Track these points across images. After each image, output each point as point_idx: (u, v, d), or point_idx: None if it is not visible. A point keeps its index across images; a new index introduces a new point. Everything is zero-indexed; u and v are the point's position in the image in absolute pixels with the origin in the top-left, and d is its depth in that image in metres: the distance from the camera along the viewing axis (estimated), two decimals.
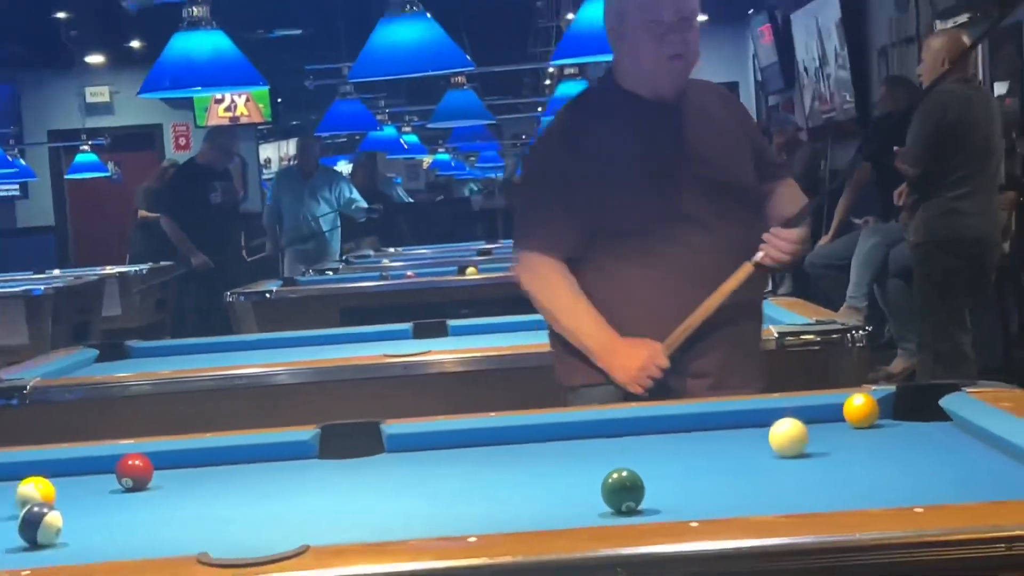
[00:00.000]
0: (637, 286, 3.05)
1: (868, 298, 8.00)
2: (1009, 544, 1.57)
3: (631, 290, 3.05)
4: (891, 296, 7.95)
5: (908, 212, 6.98)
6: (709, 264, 3.01)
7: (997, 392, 2.52)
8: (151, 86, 5.41)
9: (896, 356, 7.97)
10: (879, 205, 8.18)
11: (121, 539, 2.03)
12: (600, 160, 3.09)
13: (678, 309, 2.99)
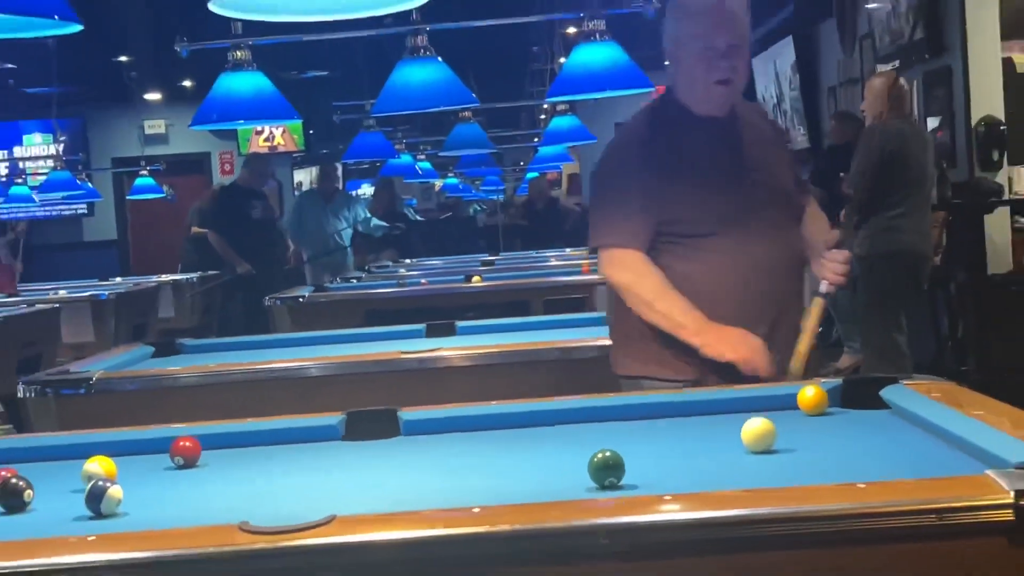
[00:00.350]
0: (698, 279, 2.98)
1: None
2: (940, 515, 1.56)
3: (693, 282, 2.98)
4: (839, 302, 7.94)
5: (846, 230, 6.99)
6: (760, 258, 2.99)
7: (929, 384, 2.53)
8: (200, 119, 5.41)
9: (843, 353, 7.99)
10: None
11: (173, 510, 2.03)
12: (664, 167, 3.03)
13: (733, 298, 2.97)
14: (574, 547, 1.59)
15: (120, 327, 8.34)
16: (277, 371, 3.58)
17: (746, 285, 2.98)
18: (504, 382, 3.30)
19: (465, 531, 1.61)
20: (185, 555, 1.59)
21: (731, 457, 2.15)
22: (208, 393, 3.43)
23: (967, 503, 1.58)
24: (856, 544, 1.58)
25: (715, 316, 2.92)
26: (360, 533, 1.60)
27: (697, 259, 2.99)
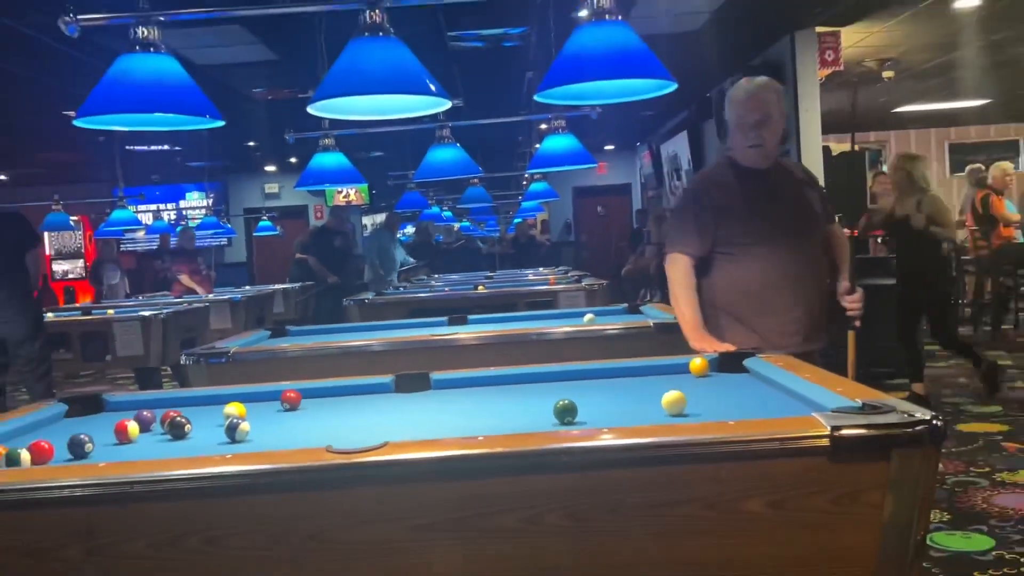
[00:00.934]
0: (743, 276, 2.97)
1: None
2: (782, 442, 1.56)
3: (738, 278, 2.98)
4: None
5: None
6: (787, 262, 2.93)
7: (776, 357, 2.51)
8: (302, 183, 5.41)
9: None
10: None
11: (284, 438, 2.02)
12: (717, 200, 3.01)
13: (766, 288, 2.93)
14: (545, 463, 1.58)
15: (248, 318, 8.35)
16: (351, 347, 3.58)
17: (775, 280, 2.93)
18: (500, 355, 3.29)
19: (473, 452, 1.60)
20: (290, 467, 1.59)
21: (649, 405, 2.14)
22: (306, 362, 3.42)
23: (800, 434, 1.57)
24: (728, 460, 1.56)
25: (753, 301, 2.95)
26: (404, 453, 1.60)
27: (741, 262, 2.96)
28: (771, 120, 2.95)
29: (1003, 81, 10.09)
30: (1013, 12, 7.21)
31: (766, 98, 2.95)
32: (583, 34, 2.70)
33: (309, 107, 2.80)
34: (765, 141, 2.95)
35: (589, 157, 5.48)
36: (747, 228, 2.94)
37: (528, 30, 6.99)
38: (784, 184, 3.05)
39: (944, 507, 3.65)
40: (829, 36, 7.55)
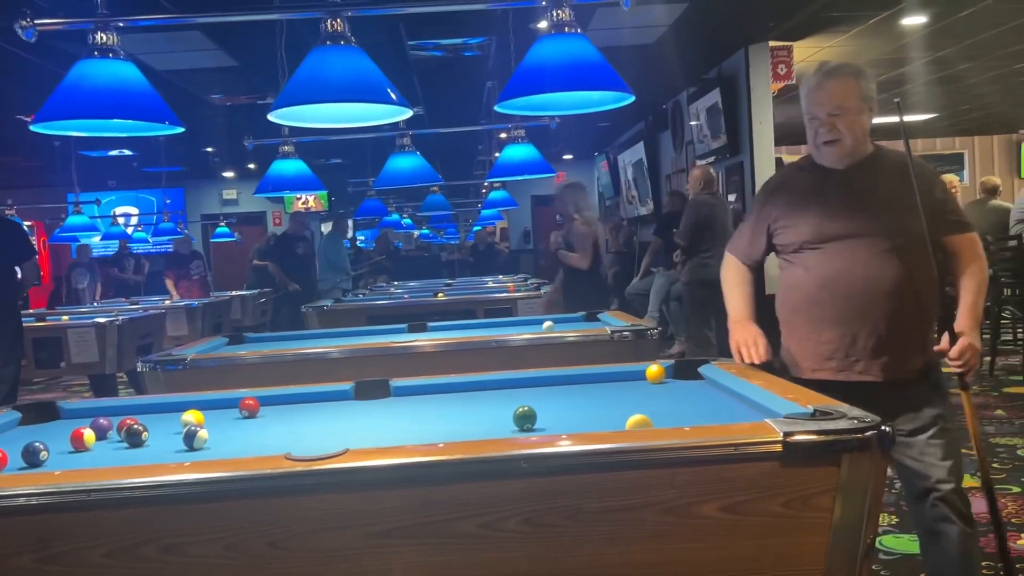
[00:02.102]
0: (787, 287, 2.65)
1: (659, 312, 8.06)
2: (736, 447, 1.58)
3: (785, 288, 2.66)
4: (671, 311, 8.02)
5: (680, 265, 7.06)
6: (838, 276, 2.45)
7: (729, 364, 2.54)
8: (261, 190, 5.36)
9: (674, 344, 8.05)
10: (666, 261, 8.25)
11: (242, 446, 2.00)
12: (780, 202, 2.61)
13: (811, 300, 2.51)
14: (504, 469, 1.58)
15: (205, 325, 8.25)
16: (310, 355, 3.54)
17: (816, 294, 2.50)
18: (459, 362, 3.29)
19: (433, 458, 1.60)
20: (248, 475, 1.57)
21: (608, 411, 2.15)
22: (265, 369, 3.38)
23: (753, 440, 1.59)
24: (684, 466, 1.58)
25: (794, 315, 2.59)
26: (364, 460, 1.59)
27: (789, 271, 2.62)
28: (847, 111, 2.43)
29: (948, 96, 10.33)
30: (957, 30, 7.39)
31: (837, 87, 2.45)
32: (542, 46, 2.72)
33: (270, 114, 2.78)
34: (842, 136, 2.45)
35: (548, 166, 5.51)
36: (798, 233, 2.55)
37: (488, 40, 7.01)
38: (868, 185, 2.48)
39: (892, 511, 3.71)
40: (781, 50, 7.68)
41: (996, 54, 8.53)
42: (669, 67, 8.27)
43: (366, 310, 6.20)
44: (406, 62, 7.42)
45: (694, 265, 6.80)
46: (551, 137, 8.73)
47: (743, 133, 7.84)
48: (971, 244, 2.53)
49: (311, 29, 2.76)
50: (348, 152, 11.33)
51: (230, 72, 7.59)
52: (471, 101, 9.24)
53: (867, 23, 7.11)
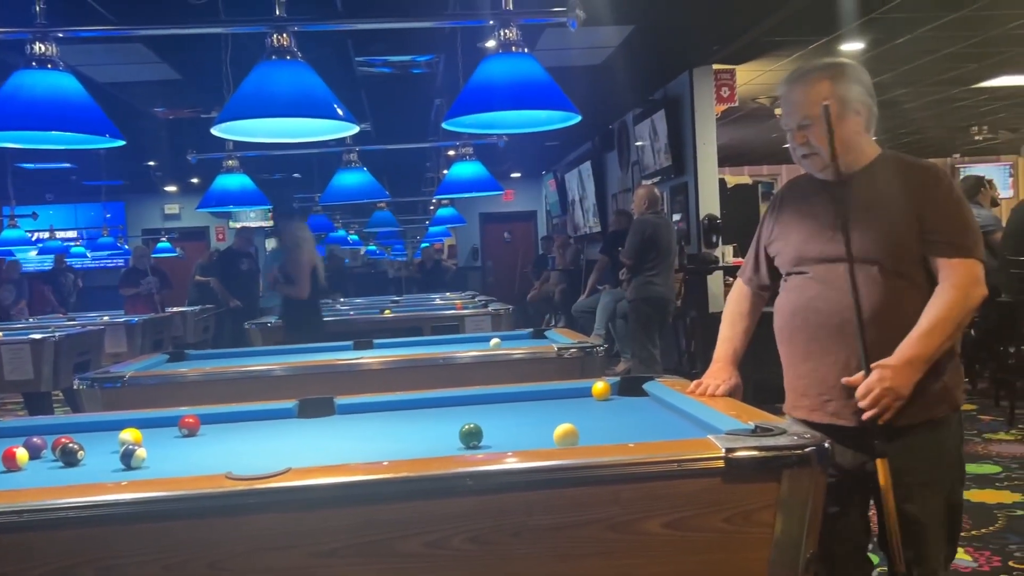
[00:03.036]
0: (777, 314, 2.26)
1: (605, 329, 8.12)
2: (679, 463, 1.60)
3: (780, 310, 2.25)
4: (617, 328, 8.08)
5: (625, 283, 7.13)
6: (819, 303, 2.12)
7: (673, 381, 2.56)
8: (204, 204, 5.29)
9: (620, 361, 8.11)
10: (612, 279, 8.32)
11: (182, 465, 1.97)
12: (774, 221, 2.32)
13: (793, 327, 2.19)
14: (449, 487, 1.58)
15: (145, 342, 8.09)
16: (253, 372, 3.50)
17: (799, 320, 2.17)
18: (405, 379, 3.27)
19: (378, 477, 1.59)
20: (188, 494, 1.55)
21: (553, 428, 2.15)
22: (206, 386, 3.33)
23: (696, 456, 1.61)
24: (628, 482, 1.59)
25: (782, 346, 2.25)
26: (307, 479, 1.57)
27: (781, 296, 2.29)
28: (815, 120, 2.10)
29: (885, 120, 10.62)
30: (893, 56, 7.62)
31: (804, 94, 2.11)
32: (491, 65, 2.73)
33: (213, 128, 2.75)
34: (816, 149, 2.12)
35: (496, 184, 5.52)
36: (784, 256, 2.28)
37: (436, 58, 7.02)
38: (859, 200, 2.12)
39: None
40: (725, 74, 7.84)
41: (931, 81, 8.82)
42: (616, 88, 8.37)
43: None
44: (353, 78, 7.40)
45: (639, 283, 6.87)
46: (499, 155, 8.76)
47: (687, 154, 7.97)
48: (955, 270, 2.04)
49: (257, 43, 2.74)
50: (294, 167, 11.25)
51: (173, 85, 7.48)
52: (419, 118, 9.24)
53: (807, 48, 7.29)
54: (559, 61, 6.86)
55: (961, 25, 6.70)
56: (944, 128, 12.01)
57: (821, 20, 6.36)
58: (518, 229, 16.63)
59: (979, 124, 11.80)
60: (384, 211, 9.59)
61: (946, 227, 2.06)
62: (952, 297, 2.03)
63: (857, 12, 6.12)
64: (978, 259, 2.07)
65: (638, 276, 6.87)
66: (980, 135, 12.24)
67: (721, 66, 7.77)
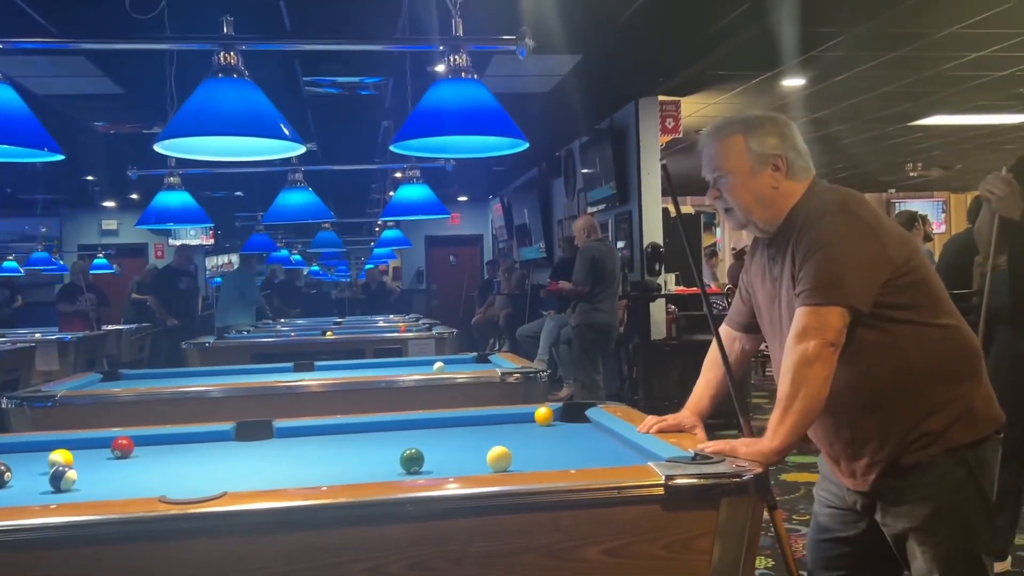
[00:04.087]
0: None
1: (548, 354, 8.14)
2: (619, 490, 1.61)
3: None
4: (561, 354, 8.10)
5: (570, 309, 7.17)
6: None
7: (615, 407, 2.58)
8: (144, 221, 5.20)
9: (563, 386, 8.13)
10: (557, 304, 8.36)
11: (112, 487, 1.92)
12: (748, 274, 2.16)
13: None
14: (389, 513, 1.57)
15: (78, 360, 7.88)
16: (189, 393, 3.43)
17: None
18: (347, 402, 3.24)
19: (316, 503, 1.58)
20: (120, 518, 1.51)
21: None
22: (140, 407, 3.26)
23: (636, 483, 1.62)
24: (568, 509, 1.59)
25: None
26: (243, 504, 1.55)
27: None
28: (730, 174, 2.00)
29: (824, 154, 10.90)
30: (832, 93, 7.84)
31: (715, 149, 2.04)
32: (440, 90, 2.75)
33: (156, 145, 2.71)
34: (730, 205, 2.02)
35: (442, 207, 5.53)
36: (750, 310, 2.18)
37: (384, 80, 7.02)
38: (774, 256, 2.02)
39: (768, 553, 3.82)
40: (670, 105, 7.98)
41: (868, 117, 9.08)
42: (564, 116, 8.46)
43: (250, 348, 6.04)
44: (300, 98, 7.36)
45: (584, 309, 6.91)
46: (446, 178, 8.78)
47: (632, 183, 8.07)
48: (797, 320, 1.84)
49: (203, 60, 2.72)
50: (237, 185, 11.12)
51: (115, 100, 7.36)
52: (366, 139, 9.22)
53: (750, 83, 7.46)
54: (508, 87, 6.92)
55: (897, 65, 6.92)
56: (880, 164, 12.36)
57: (763, 56, 6.52)
58: (464, 253, 16.64)
59: (914, 161, 12.17)
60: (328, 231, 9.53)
61: (811, 273, 1.86)
62: (795, 354, 1.81)
63: (798, 50, 6.29)
64: (824, 304, 1.81)
65: (583, 303, 6.91)
66: (915, 171, 12.62)
67: (667, 97, 7.91)
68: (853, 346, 1.85)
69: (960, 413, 1.89)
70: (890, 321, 1.87)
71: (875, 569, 2.07)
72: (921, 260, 1.93)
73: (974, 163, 12.02)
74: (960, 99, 8.21)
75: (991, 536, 1.92)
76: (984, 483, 1.91)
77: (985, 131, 9.95)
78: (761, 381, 9.18)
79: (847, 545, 2.07)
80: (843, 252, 1.85)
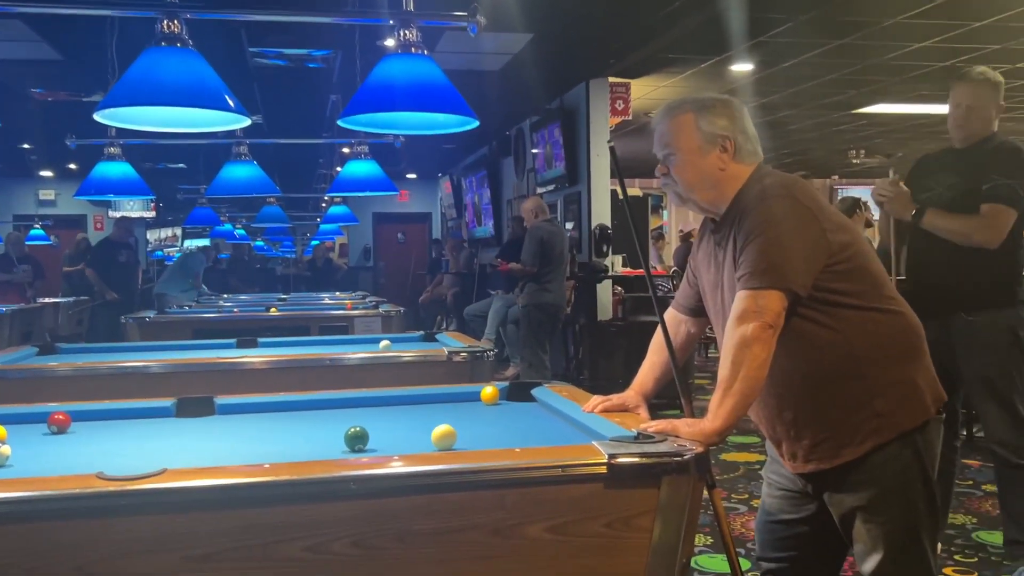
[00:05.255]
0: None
1: (496, 334, 8.16)
2: (563, 468, 1.62)
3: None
4: (508, 333, 8.13)
5: (518, 289, 7.18)
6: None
7: (561, 387, 2.59)
8: (82, 192, 5.08)
9: (510, 366, 8.16)
10: (504, 284, 8.37)
11: (48, 464, 1.88)
12: (695, 259, 2.17)
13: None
14: (332, 491, 1.56)
15: (13, 334, 7.68)
16: (129, 368, 3.37)
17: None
18: (290, 380, 3.22)
19: (258, 480, 1.56)
20: (55, 495, 1.48)
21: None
22: (77, 382, 3.20)
23: (579, 461, 1.64)
24: (512, 487, 1.61)
25: None
26: (184, 481, 1.53)
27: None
28: (678, 152, 2.02)
29: (773, 139, 11.05)
30: (780, 78, 7.94)
31: (667, 127, 2.05)
32: (389, 64, 2.72)
33: (96, 114, 2.65)
34: (673, 183, 2.05)
35: (390, 184, 5.49)
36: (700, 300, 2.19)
37: (333, 53, 6.93)
38: (724, 243, 2.01)
39: (707, 531, 3.89)
40: (620, 87, 8.00)
41: (814, 104, 9.22)
42: (514, 95, 8.44)
43: (192, 323, 5.96)
44: (246, 69, 7.22)
45: (532, 289, 6.93)
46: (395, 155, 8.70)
47: (582, 164, 8.09)
48: (737, 304, 1.87)
49: (145, 28, 2.65)
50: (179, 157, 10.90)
51: (53, 66, 7.15)
52: (313, 113, 9.09)
53: (699, 66, 7.52)
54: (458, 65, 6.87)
55: (843, 53, 7.03)
56: (825, 150, 12.57)
57: (713, 41, 6.57)
58: (412, 230, 16.55)
59: (857, 148, 12.41)
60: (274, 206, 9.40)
61: (743, 261, 1.89)
62: (734, 336, 1.83)
63: (746, 35, 6.36)
64: (762, 288, 1.83)
65: (531, 283, 6.93)
66: (858, 159, 12.86)
67: (617, 79, 7.93)
68: (796, 330, 1.88)
69: (905, 394, 1.93)
70: (832, 305, 1.90)
71: (822, 549, 2.12)
72: (862, 246, 1.98)
73: (915, 151, 12.26)
74: (903, 88, 8.38)
75: (934, 515, 1.98)
76: (928, 464, 1.96)
77: (926, 120, 10.19)
78: (704, 362, 9.32)
79: (796, 527, 2.12)
80: (783, 236, 1.87)
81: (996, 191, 3.09)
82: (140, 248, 14.74)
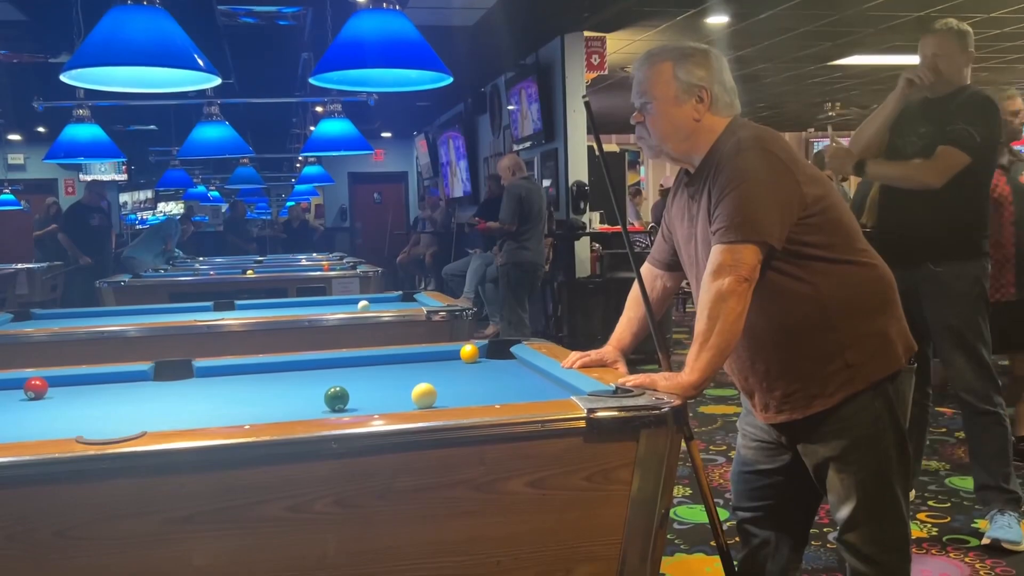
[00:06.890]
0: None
1: (474, 292, 8.17)
2: (543, 423, 1.63)
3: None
4: (487, 292, 8.14)
5: (497, 247, 7.18)
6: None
7: (540, 344, 2.60)
8: (52, 155, 5.01)
9: (489, 324, 8.17)
10: (482, 243, 8.36)
11: (28, 429, 1.87)
12: (670, 212, 2.15)
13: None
14: (314, 451, 1.56)
15: None
16: (105, 332, 3.34)
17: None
18: (269, 342, 3.20)
19: (238, 441, 1.55)
20: (35, 460, 1.47)
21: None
22: (54, 347, 3.17)
23: (559, 416, 1.65)
24: (493, 443, 1.61)
25: None
26: (163, 443, 1.52)
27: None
28: (654, 100, 1.99)
29: (748, 92, 11.00)
30: (755, 31, 7.90)
31: (646, 75, 2.01)
32: (361, 20, 2.68)
33: (62, 75, 2.60)
34: (647, 131, 2.02)
35: (365, 143, 5.44)
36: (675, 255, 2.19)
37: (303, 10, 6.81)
38: (698, 196, 1.99)
39: (686, 483, 3.95)
40: (596, 41, 7.93)
41: (789, 57, 9.20)
42: (488, 51, 8.35)
43: (168, 286, 5.91)
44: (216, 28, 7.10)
45: (510, 248, 6.93)
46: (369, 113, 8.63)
47: (558, 120, 8.05)
48: (713, 257, 1.86)
49: None
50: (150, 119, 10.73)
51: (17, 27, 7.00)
52: (285, 72, 8.97)
53: (675, 19, 7.46)
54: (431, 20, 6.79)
55: (817, 4, 7.00)
56: (800, 103, 12.57)
57: None
58: (389, 190, 16.44)
59: (832, 101, 12.41)
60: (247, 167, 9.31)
61: (718, 215, 1.88)
62: (702, 299, 1.85)
63: None
64: (738, 241, 1.83)
65: (510, 241, 6.93)
66: (833, 111, 12.87)
67: (592, 33, 7.86)
68: (769, 282, 1.89)
69: (876, 346, 1.95)
70: (805, 258, 1.90)
71: (797, 498, 2.15)
72: (835, 199, 1.97)
73: None
74: (877, 39, 8.37)
75: (906, 463, 1.99)
76: (899, 414, 1.98)
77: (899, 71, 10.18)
78: (681, 317, 9.38)
79: (771, 476, 2.15)
80: (757, 189, 1.86)
81: (952, 134, 3.13)
82: (113, 211, 14.58)
